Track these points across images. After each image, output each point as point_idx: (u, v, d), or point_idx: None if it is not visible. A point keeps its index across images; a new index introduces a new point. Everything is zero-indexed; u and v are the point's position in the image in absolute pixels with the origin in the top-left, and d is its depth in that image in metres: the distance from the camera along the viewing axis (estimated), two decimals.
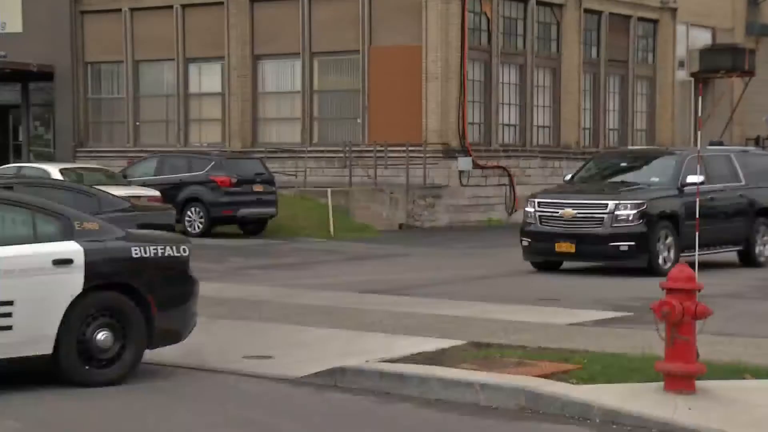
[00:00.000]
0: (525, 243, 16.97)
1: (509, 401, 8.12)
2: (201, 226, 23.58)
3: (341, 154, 28.75)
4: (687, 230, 16.10)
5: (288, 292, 14.43)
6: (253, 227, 24.61)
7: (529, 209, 17.05)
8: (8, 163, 27.78)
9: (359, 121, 29.53)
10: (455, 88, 28.52)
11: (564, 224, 16.42)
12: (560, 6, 31.76)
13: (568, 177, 18.87)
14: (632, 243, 16.09)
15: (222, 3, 30.76)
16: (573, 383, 8.33)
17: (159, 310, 8.99)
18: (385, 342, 10.21)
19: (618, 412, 7.59)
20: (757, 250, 18.16)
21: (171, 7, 31.56)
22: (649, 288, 13.93)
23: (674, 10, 35.35)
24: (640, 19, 34.59)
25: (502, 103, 30.50)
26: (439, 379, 8.57)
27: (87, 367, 8.70)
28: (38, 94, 34.47)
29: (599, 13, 33.04)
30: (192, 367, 9.54)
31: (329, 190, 25.70)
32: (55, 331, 8.52)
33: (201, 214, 23.68)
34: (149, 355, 9.22)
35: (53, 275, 8.53)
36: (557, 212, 16.53)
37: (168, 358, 9.57)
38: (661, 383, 7.96)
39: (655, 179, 17.35)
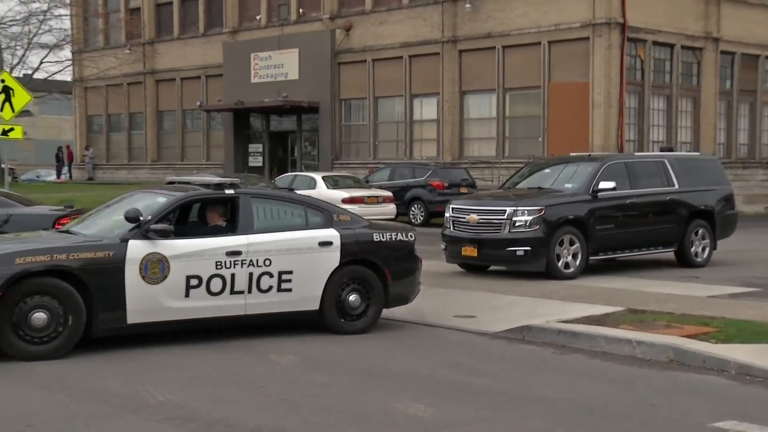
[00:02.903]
0: (443, 246, 13.73)
1: (660, 355, 7.77)
2: (421, 218, 23.75)
3: None
4: (598, 234, 13.09)
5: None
6: None
7: (447, 214, 13.75)
8: (286, 173, 28.99)
9: (540, 139, 28.96)
10: (615, 113, 27.52)
11: (469, 229, 13.10)
12: (700, 49, 30.06)
13: (503, 182, 15.66)
14: (528, 248, 12.55)
15: (438, 53, 30.87)
16: (712, 342, 7.88)
17: (393, 280, 9.08)
18: (561, 307, 9.96)
19: (751, 366, 7.12)
20: (692, 250, 14.33)
21: (401, 57, 31.96)
22: None
23: None
24: (767, 57, 32.27)
25: (652, 125, 29.18)
26: (604, 336, 8.30)
27: (342, 320, 8.91)
28: (307, 123, 35.72)
29: (732, 53, 31.02)
30: (416, 322, 9.59)
31: None
32: (320, 293, 8.76)
33: (421, 209, 23.87)
34: (385, 313, 9.33)
35: (319, 253, 8.76)
36: (465, 218, 13.21)
37: (398, 316, 9.67)
38: None
39: (569, 185, 13.57)
